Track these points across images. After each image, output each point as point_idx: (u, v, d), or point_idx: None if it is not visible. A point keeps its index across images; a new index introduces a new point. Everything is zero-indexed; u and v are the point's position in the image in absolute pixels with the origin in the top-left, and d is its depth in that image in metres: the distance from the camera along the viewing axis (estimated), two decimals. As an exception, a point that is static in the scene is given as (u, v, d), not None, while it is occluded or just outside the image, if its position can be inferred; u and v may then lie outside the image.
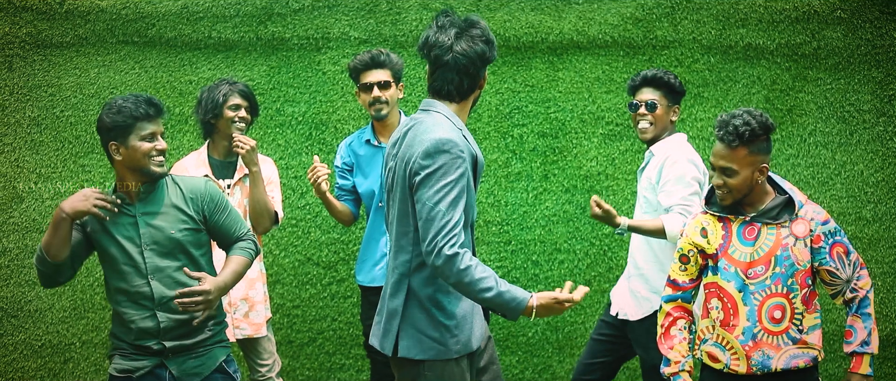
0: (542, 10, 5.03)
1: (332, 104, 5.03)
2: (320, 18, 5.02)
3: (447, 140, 2.78)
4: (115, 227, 3.18)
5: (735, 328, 3.16)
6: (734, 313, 3.16)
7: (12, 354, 4.99)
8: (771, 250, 3.12)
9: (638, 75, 3.93)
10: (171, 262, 3.21)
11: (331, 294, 5.02)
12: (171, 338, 3.20)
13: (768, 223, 3.14)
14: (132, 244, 3.18)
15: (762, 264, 3.12)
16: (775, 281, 3.11)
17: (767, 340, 3.13)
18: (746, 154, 3.09)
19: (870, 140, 4.96)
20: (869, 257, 4.94)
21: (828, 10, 4.95)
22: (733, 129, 3.07)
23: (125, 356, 3.22)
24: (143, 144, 3.16)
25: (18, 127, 5.04)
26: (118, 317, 3.24)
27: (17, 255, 5.00)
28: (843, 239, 3.16)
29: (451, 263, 2.75)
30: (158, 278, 3.18)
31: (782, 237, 3.12)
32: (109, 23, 5.03)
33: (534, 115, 5.03)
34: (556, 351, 5.03)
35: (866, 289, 3.16)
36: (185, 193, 3.28)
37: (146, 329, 3.18)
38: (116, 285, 3.21)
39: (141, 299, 3.18)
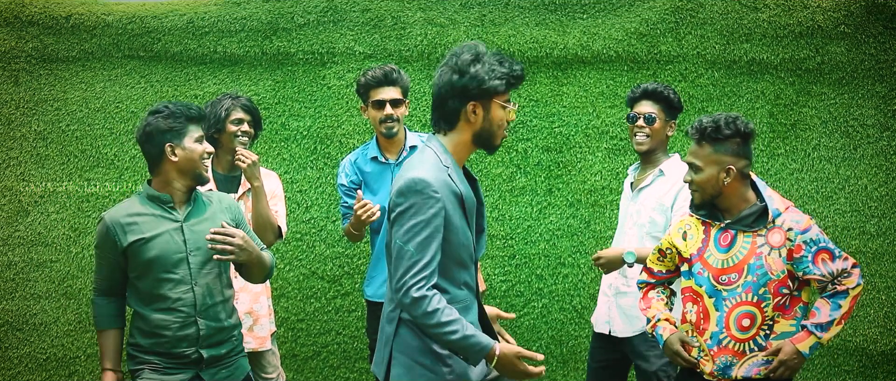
0: (547, 25, 5.04)
1: (336, 119, 5.04)
2: (325, 33, 5.04)
3: (420, 180, 2.79)
4: (159, 233, 3.14)
5: (705, 331, 3.21)
6: (705, 317, 3.21)
7: (17, 367, 5.00)
8: (744, 258, 3.14)
9: (638, 88, 3.94)
10: (210, 269, 3.22)
11: (335, 308, 5.03)
12: (208, 346, 3.19)
13: (744, 231, 3.16)
14: (177, 250, 3.15)
15: (735, 272, 3.15)
16: (746, 289, 3.13)
17: (733, 346, 3.16)
18: (711, 152, 3.14)
19: (874, 155, 4.97)
20: (873, 271, 4.95)
21: (832, 26, 4.96)
22: (698, 124, 3.17)
23: (157, 371, 3.15)
24: (196, 146, 3.20)
25: (24, 141, 5.06)
26: (148, 326, 3.15)
27: (23, 268, 5.01)
28: (828, 245, 3.12)
29: (416, 305, 2.77)
30: (201, 284, 3.18)
31: (757, 246, 3.13)
32: (115, 37, 5.05)
33: (538, 129, 5.04)
34: (561, 365, 5.04)
35: (850, 286, 3.11)
36: (220, 203, 3.32)
37: (186, 336, 3.15)
38: (155, 292, 3.14)
39: (182, 305, 3.15)
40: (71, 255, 5.03)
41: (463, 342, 2.79)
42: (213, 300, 3.21)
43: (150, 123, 3.19)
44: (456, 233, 2.89)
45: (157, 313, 3.15)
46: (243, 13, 5.04)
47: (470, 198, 2.94)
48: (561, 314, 5.01)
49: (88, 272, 5.00)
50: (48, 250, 5.02)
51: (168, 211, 3.19)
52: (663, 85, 3.93)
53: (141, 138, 3.22)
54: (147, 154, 3.22)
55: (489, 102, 2.91)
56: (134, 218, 3.16)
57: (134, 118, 5.06)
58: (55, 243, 5.02)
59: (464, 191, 2.91)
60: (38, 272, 5.02)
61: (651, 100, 3.89)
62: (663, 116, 3.89)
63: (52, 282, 5.02)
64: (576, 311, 4.98)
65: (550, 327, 5.01)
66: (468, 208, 2.92)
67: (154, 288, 3.15)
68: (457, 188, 2.89)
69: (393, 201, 2.84)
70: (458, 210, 2.88)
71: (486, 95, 2.89)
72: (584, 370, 4.98)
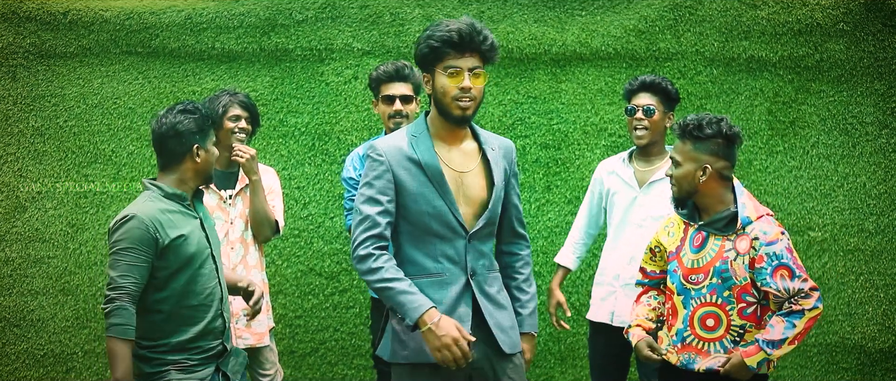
0: (546, 21, 5.04)
1: (335, 115, 5.04)
2: (324, 30, 5.03)
3: (369, 146, 2.98)
4: (189, 230, 3.14)
5: (672, 327, 3.26)
6: (674, 313, 3.26)
7: (14, 363, 4.99)
8: (712, 260, 3.17)
9: (635, 80, 3.94)
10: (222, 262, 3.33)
11: (333, 305, 5.02)
12: (226, 338, 3.25)
13: (715, 234, 3.18)
14: (205, 246, 3.19)
15: (702, 273, 3.18)
16: (711, 291, 3.16)
17: (696, 344, 3.20)
18: (690, 149, 3.17)
19: (872, 152, 4.96)
20: (871, 268, 4.94)
21: (830, 23, 4.95)
22: (682, 121, 3.20)
23: (184, 369, 3.08)
24: (214, 150, 3.25)
25: (22, 137, 5.05)
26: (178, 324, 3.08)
27: (20, 264, 5.01)
28: (789, 263, 3.08)
29: (361, 262, 2.88)
30: (221, 278, 3.25)
31: (725, 250, 3.15)
32: (113, 33, 5.04)
33: (536, 126, 5.04)
34: (559, 362, 5.03)
35: (806, 307, 3.06)
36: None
37: (213, 329, 3.17)
38: (192, 289, 3.11)
39: (213, 299, 3.17)
40: (68, 251, 5.02)
41: (398, 297, 2.83)
42: (226, 293, 3.29)
43: (181, 122, 3.14)
44: (415, 200, 2.93)
45: (190, 309, 3.12)
46: (241, 9, 5.03)
47: (434, 166, 2.93)
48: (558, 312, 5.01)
49: (86, 268, 5.00)
50: (45, 247, 5.01)
51: (187, 208, 3.19)
52: (660, 77, 3.93)
53: (167, 134, 3.14)
54: (168, 151, 3.16)
55: (433, 71, 2.93)
56: (167, 215, 3.09)
57: (132, 115, 5.05)
58: (52, 239, 5.01)
59: (424, 158, 2.93)
60: (35, 269, 5.01)
61: (649, 92, 3.90)
62: (662, 108, 3.90)
63: (49, 278, 5.01)
64: (574, 308, 4.97)
65: (548, 324, 5.00)
66: (432, 175, 2.93)
67: (191, 284, 3.11)
68: (414, 154, 2.92)
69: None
70: (418, 176, 2.92)
71: (426, 64, 2.94)
72: (581, 367, 4.97)
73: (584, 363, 4.95)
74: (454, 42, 2.88)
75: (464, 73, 2.90)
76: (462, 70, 2.90)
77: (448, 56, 2.90)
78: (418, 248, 2.96)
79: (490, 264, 3.05)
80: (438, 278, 2.96)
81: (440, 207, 2.94)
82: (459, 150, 3.02)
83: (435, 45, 2.89)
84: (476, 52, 2.92)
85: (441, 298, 2.93)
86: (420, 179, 2.93)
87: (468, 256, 2.98)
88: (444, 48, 2.89)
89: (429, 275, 2.95)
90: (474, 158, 3.03)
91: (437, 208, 2.94)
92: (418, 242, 2.96)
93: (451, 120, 2.96)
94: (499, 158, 3.06)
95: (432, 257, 2.95)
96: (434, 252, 2.95)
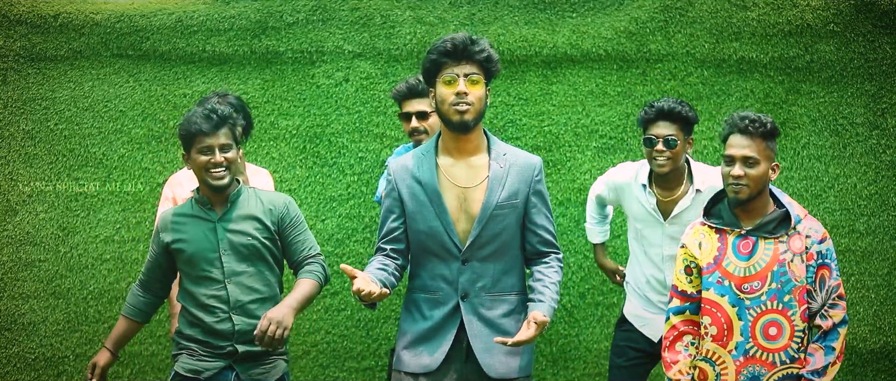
0: (536, 23, 5.04)
1: (326, 118, 5.04)
2: (314, 32, 5.03)
3: (387, 164, 3.13)
4: (194, 232, 3.30)
5: (728, 342, 3.13)
6: (729, 328, 3.13)
7: (6, 367, 4.98)
8: (768, 265, 3.09)
9: (652, 108, 3.65)
10: (246, 267, 3.30)
11: (325, 307, 5.02)
12: (243, 342, 3.28)
13: (765, 237, 3.10)
14: (210, 249, 3.27)
15: (758, 280, 3.09)
16: (771, 297, 3.08)
17: (761, 356, 3.10)
18: (765, 147, 3.11)
19: (863, 153, 4.97)
20: (862, 269, 4.95)
21: (821, 24, 4.96)
22: (756, 119, 3.10)
23: (193, 356, 3.29)
24: (199, 157, 3.27)
25: (12, 140, 5.04)
26: (190, 318, 3.32)
27: (11, 268, 5.00)
28: (831, 263, 3.10)
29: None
30: (234, 282, 3.27)
31: (780, 252, 3.08)
32: (104, 36, 5.04)
33: (527, 128, 5.04)
34: (551, 364, 5.03)
35: (836, 321, 3.07)
36: (265, 203, 3.39)
37: (221, 331, 3.26)
38: (193, 290, 3.30)
39: (218, 302, 3.26)
40: (59, 254, 5.01)
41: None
42: (250, 298, 3.29)
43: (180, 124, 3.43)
44: (414, 218, 3.00)
45: (196, 308, 3.29)
46: (232, 12, 5.03)
47: (432, 186, 2.98)
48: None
49: (77, 272, 5.00)
50: (36, 250, 5.00)
51: (205, 211, 3.34)
52: (677, 101, 3.65)
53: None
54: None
55: (435, 84, 3.00)
56: (178, 218, 3.36)
57: (122, 118, 5.05)
58: (43, 242, 5.00)
59: (424, 178, 2.99)
60: (26, 272, 5.01)
61: (668, 120, 3.62)
62: (682, 136, 3.63)
63: (40, 282, 5.00)
64: (565, 310, 4.97)
65: (540, 326, 5.01)
66: (430, 195, 2.98)
67: (191, 285, 3.32)
68: (417, 173, 3.00)
69: None
70: (419, 196, 2.99)
71: (429, 79, 3.01)
72: (573, 369, 4.97)
73: (575, 365, 4.96)
74: (449, 51, 2.95)
75: (459, 79, 2.94)
76: (457, 77, 2.94)
77: (445, 66, 2.96)
78: (420, 265, 3.07)
79: (493, 286, 3.03)
80: (433, 297, 3.02)
81: (436, 227, 2.97)
82: (467, 163, 3.03)
83: (433, 58, 2.97)
84: (472, 61, 2.97)
85: (431, 315, 3.02)
86: (420, 199, 2.99)
87: (462, 277, 2.99)
88: (441, 59, 2.96)
89: (427, 292, 3.04)
90: (482, 173, 3.03)
91: (433, 227, 2.98)
92: (420, 259, 3.06)
93: (451, 127, 2.98)
94: (506, 174, 3.02)
95: (430, 276, 3.03)
96: (432, 271, 3.03)
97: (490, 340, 2.98)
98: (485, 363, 2.98)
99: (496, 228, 3.00)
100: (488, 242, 3.00)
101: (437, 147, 3.05)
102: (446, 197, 2.99)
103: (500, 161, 3.03)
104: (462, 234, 3.00)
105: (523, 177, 3.04)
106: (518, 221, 3.05)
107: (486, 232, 3.00)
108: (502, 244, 3.03)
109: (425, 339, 3.02)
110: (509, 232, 3.03)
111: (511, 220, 3.02)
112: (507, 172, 3.02)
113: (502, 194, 3.00)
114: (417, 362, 3.01)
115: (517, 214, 3.04)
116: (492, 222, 2.99)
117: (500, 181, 3.00)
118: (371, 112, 5.03)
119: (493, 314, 3.02)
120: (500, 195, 3.00)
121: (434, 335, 3.01)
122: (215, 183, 3.27)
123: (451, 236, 2.97)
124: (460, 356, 3.01)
